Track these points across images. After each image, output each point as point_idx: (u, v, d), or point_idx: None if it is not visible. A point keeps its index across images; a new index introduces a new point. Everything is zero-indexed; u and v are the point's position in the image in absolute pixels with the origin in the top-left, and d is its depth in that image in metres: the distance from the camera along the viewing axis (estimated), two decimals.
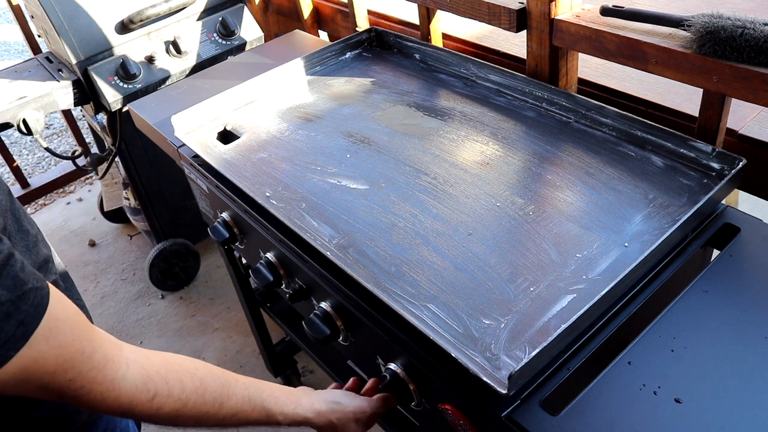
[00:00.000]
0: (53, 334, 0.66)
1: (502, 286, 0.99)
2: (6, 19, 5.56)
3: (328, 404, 1.01)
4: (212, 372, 0.85)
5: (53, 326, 0.66)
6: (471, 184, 1.20)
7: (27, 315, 0.64)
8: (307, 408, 0.97)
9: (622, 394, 0.85)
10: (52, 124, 3.93)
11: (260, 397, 0.90)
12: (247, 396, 0.88)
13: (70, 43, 1.91)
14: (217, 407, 0.83)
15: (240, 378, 0.89)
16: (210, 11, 2.13)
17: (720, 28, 1.05)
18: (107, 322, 2.50)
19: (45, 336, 0.65)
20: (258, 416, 0.89)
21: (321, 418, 0.98)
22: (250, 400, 0.88)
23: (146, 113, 1.69)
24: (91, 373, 0.70)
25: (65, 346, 0.68)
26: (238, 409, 0.86)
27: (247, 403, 0.88)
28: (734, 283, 0.97)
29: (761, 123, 1.23)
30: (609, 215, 1.09)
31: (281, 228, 1.18)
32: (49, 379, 0.67)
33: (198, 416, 0.82)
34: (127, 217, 2.73)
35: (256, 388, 0.90)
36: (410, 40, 1.67)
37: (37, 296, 0.65)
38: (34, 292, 0.65)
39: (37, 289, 0.65)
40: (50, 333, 0.66)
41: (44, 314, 0.65)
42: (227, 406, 0.85)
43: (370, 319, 1.03)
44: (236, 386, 0.87)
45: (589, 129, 1.30)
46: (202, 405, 0.82)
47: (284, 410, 0.93)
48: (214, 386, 0.83)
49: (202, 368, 0.84)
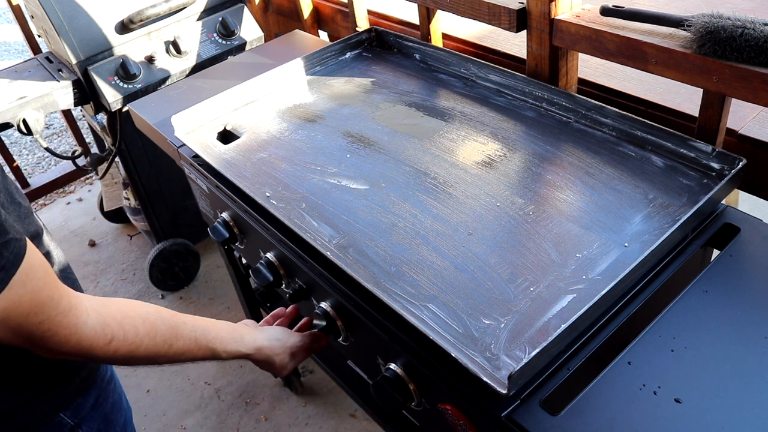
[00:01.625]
0: (29, 279, 0.74)
1: (502, 286, 0.99)
2: (6, 19, 5.56)
3: (268, 341, 1.11)
4: (162, 316, 0.93)
5: (29, 273, 0.74)
6: (471, 184, 1.20)
7: (8, 261, 0.71)
8: (249, 345, 1.07)
9: (622, 394, 0.85)
10: (52, 124, 3.93)
11: (206, 338, 0.99)
12: (194, 337, 0.97)
13: (70, 43, 1.91)
14: (166, 348, 0.92)
15: (188, 320, 0.97)
16: (210, 11, 2.13)
17: (720, 28, 1.05)
18: None
19: (22, 281, 0.73)
20: (204, 355, 0.99)
21: (260, 354, 1.09)
22: (197, 341, 0.97)
23: (146, 113, 1.69)
24: (58, 317, 0.78)
25: (38, 292, 0.75)
26: (185, 350, 0.96)
27: (194, 343, 0.97)
28: (734, 283, 0.97)
29: (761, 123, 1.23)
30: (609, 215, 1.09)
31: (281, 228, 1.18)
32: (23, 321, 0.75)
33: (150, 356, 0.91)
34: (127, 217, 2.73)
35: (203, 330, 0.99)
36: (410, 40, 1.67)
37: (16, 246, 0.72)
38: (15, 243, 0.72)
39: (17, 240, 0.73)
40: (26, 279, 0.73)
41: (22, 262, 0.73)
42: (176, 347, 0.94)
43: (370, 319, 1.03)
44: (184, 328, 0.96)
45: (589, 129, 1.30)
46: (154, 347, 0.90)
47: (227, 348, 1.03)
48: (164, 329, 0.92)
49: (153, 313, 0.92)
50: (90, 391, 1.00)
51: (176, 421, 2.10)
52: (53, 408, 0.95)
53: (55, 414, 0.95)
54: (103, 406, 1.04)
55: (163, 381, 2.24)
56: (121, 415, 1.10)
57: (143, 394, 2.20)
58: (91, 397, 1.01)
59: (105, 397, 1.04)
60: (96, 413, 1.02)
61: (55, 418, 0.95)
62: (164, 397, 2.18)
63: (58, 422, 0.96)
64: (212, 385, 2.19)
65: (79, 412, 0.99)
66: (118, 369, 2.28)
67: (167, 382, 2.23)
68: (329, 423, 2.00)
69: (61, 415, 0.96)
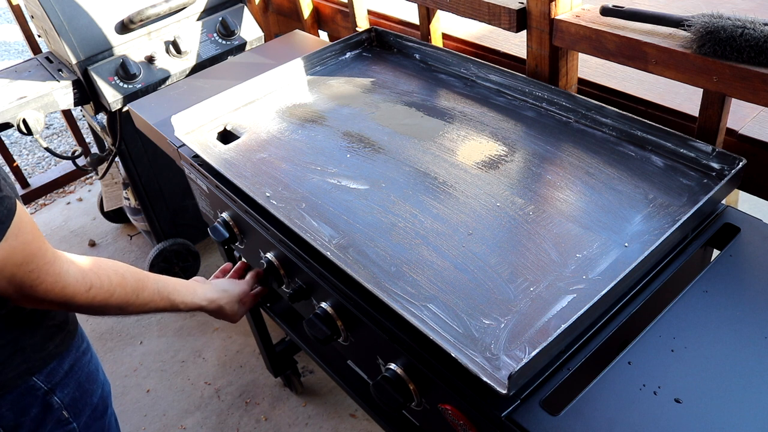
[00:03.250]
0: (21, 232, 0.85)
1: (502, 286, 0.99)
2: (6, 19, 5.57)
3: (218, 292, 1.24)
4: (129, 269, 1.05)
5: (21, 226, 0.85)
6: (471, 184, 1.20)
7: (3, 215, 0.82)
8: (201, 297, 1.20)
9: (622, 394, 0.85)
10: (52, 124, 3.93)
11: (166, 290, 1.11)
12: (156, 289, 1.09)
13: (70, 43, 1.91)
14: (135, 297, 1.04)
15: (150, 275, 1.09)
16: (210, 11, 2.13)
17: (720, 28, 1.05)
18: (107, 322, 2.50)
19: (15, 234, 0.84)
20: (165, 305, 1.12)
21: (213, 304, 1.22)
22: (159, 293, 1.09)
23: (146, 113, 1.69)
24: (46, 266, 0.88)
25: (29, 243, 0.86)
26: (150, 299, 1.07)
27: (157, 294, 1.09)
28: (734, 283, 0.97)
29: (761, 123, 1.23)
30: (609, 215, 1.09)
31: (281, 228, 1.18)
32: (16, 270, 0.85)
33: (121, 304, 1.02)
34: (127, 217, 2.73)
35: (164, 283, 1.12)
36: (410, 40, 1.67)
37: (9, 202, 0.83)
38: (7, 200, 0.83)
39: (9, 197, 0.84)
40: (18, 231, 0.84)
41: (14, 216, 0.84)
42: (142, 297, 1.05)
43: (370, 319, 1.03)
44: (148, 281, 1.07)
45: (589, 129, 1.30)
46: (125, 295, 1.01)
47: (185, 300, 1.16)
48: (132, 281, 1.03)
49: (121, 266, 1.03)
50: (64, 356, 1.05)
51: (176, 421, 2.10)
52: (26, 370, 0.99)
53: (29, 377, 1.00)
54: (78, 374, 1.08)
55: (163, 381, 2.24)
56: (97, 386, 1.14)
57: (143, 394, 2.20)
58: (65, 363, 1.05)
59: (80, 366, 1.09)
60: (70, 380, 1.07)
61: (28, 381, 1.00)
62: (164, 397, 2.18)
63: (32, 386, 1.01)
64: (212, 385, 2.20)
65: (53, 377, 1.03)
66: (119, 369, 2.28)
67: (167, 382, 2.23)
68: (329, 423, 2.00)
69: (34, 378, 1.01)
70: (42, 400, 1.02)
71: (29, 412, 1.01)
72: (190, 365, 2.28)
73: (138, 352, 2.37)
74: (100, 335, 2.46)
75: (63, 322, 1.05)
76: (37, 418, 1.02)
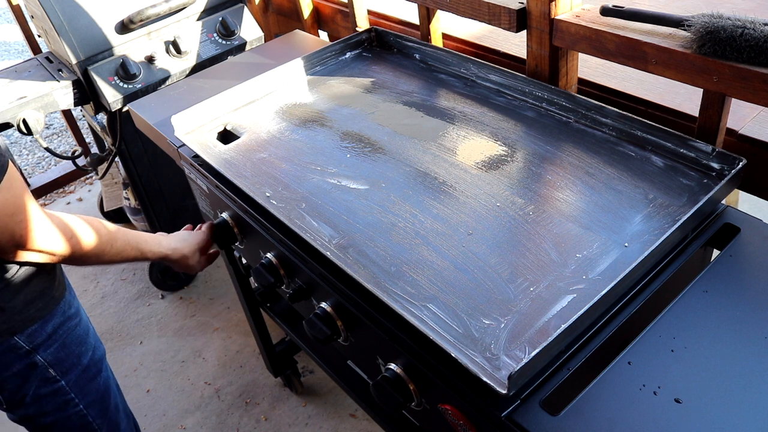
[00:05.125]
0: (13, 186, 0.96)
1: (502, 286, 0.99)
2: (6, 19, 5.56)
3: (180, 242, 1.37)
4: (101, 222, 1.17)
5: (12, 181, 0.96)
6: (471, 184, 1.20)
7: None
8: (166, 246, 1.33)
9: (622, 394, 0.85)
10: (52, 124, 3.93)
11: (135, 240, 1.24)
12: (126, 240, 1.22)
13: (70, 43, 1.91)
14: (109, 247, 1.16)
15: (119, 228, 1.22)
16: (210, 11, 2.13)
17: (720, 28, 1.06)
18: (107, 322, 2.50)
19: (7, 187, 0.95)
20: (135, 254, 1.24)
21: (176, 253, 1.35)
22: (129, 243, 1.22)
23: (146, 113, 1.69)
24: (34, 217, 1.00)
25: (19, 196, 0.98)
26: (121, 249, 1.20)
27: (127, 244, 1.22)
28: (734, 283, 0.97)
29: (761, 123, 1.23)
30: (609, 215, 1.09)
31: (281, 228, 1.18)
32: (8, 221, 0.96)
33: (98, 253, 1.14)
34: (127, 217, 2.73)
35: (133, 234, 1.24)
36: (410, 40, 1.67)
37: (2, 159, 0.95)
38: (1, 157, 0.94)
39: (3, 155, 0.95)
40: (10, 185, 0.95)
41: (6, 172, 0.94)
42: (115, 246, 1.18)
43: (370, 319, 1.03)
44: (118, 233, 1.20)
45: (589, 129, 1.30)
46: (100, 244, 1.14)
47: (152, 249, 1.30)
48: (104, 232, 1.16)
49: (93, 219, 1.15)
50: (47, 320, 1.14)
51: (176, 421, 2.10)
52: (6, 329, 1.08)
53: (9, 336, 1.09)
54: (63, 336, 1.17)
55: (163, 381, 2.24)
56: (86, 349, 1.23)
57: (143, 394, 2.20)
58: (48, 325, 1.14)
59: (66, 329, 1.18)
60: (54, 342, 1.15)
61: (9, 341, 1.09)
62: (164, 397, 2.18)
63: (13, 344, 1.10)
64: (212, 385, 2.20)
65: (35, 338, 1.12)
66: (119, 369, 2.28)
67: (167, 382, 2.23)
68: (329, 423, 2.00)
69: (15, 338, 1.10)
70: (25, 359, 1.12)
71: (11, 368, 1.11)
72: (190, 365, 2.28)
73: (138, 352, 2.37)
74: (100, 335, 2.45)
75: (46, 288, 1.13)
76: (20, 374, 1.13)
